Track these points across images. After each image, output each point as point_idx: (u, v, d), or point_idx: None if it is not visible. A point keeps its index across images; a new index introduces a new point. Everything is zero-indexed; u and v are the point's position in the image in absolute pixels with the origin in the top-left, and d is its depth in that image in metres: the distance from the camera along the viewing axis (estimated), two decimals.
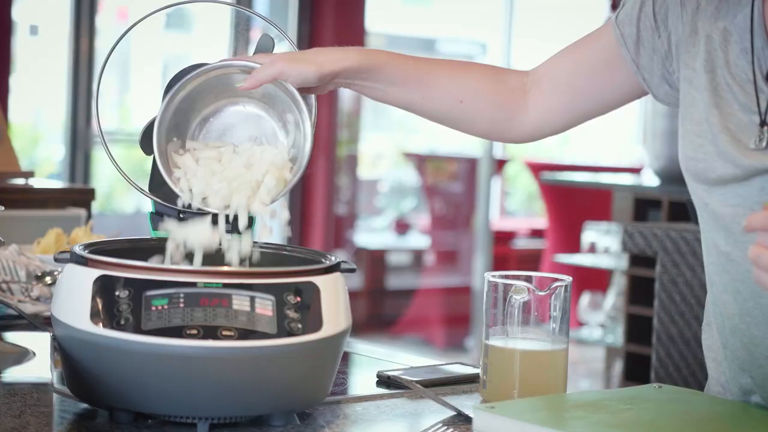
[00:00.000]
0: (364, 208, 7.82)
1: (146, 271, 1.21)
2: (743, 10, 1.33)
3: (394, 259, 7.53)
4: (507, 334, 1.41)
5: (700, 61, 1.37)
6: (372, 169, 8.47)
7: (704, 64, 1.36)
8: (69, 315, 1.22)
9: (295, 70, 1.39)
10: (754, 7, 1.32)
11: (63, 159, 5.68)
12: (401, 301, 7.21)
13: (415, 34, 9.32)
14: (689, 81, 1.39)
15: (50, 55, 5.79)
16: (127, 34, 1.46)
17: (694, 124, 1.37)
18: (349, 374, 1.61)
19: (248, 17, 1.60)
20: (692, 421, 1.28)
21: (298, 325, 1.21)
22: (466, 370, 1.57)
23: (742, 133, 1.32)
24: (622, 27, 1.47)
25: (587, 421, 1.23)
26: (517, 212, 9.46)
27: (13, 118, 5.17)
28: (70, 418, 1.26)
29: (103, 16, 5.74)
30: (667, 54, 1.43)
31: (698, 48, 1.38)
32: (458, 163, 7.32)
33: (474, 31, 9.09)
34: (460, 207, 7.21)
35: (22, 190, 2.99)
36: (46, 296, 1.90)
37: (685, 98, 1.40)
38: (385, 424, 1.34)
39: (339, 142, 6.71)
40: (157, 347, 1.17)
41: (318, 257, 1.36)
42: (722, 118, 1.34)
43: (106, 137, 1.46)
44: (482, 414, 1.23)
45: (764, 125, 1.30)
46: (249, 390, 1.21)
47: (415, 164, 7.78)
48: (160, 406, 1.20)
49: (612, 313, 5.00)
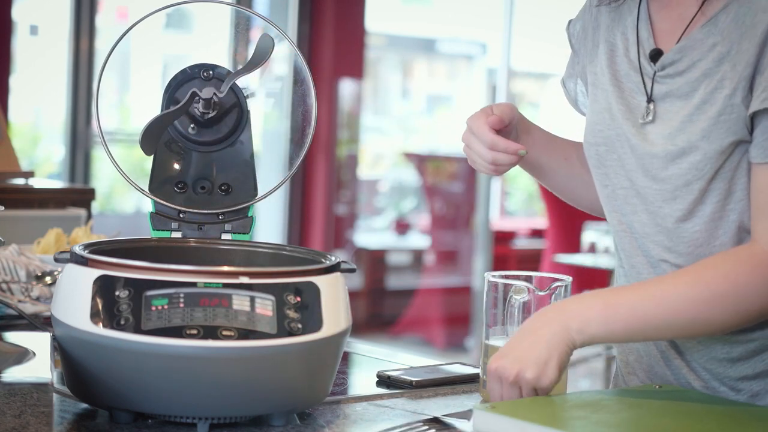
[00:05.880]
0: (364, 208, 7.82)
1: (146, 271, 1.21)
2: (633, 11, 1.56)
3: (394, 259, 7.53)
4: (507, 334, 1.41)
5: (601, 65, 1.58)
6: (372, 169, 8.47)
7: (607, 63, 1.56)
8: (69, 315, 1.22)
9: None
10: (641, 6, 1.55)
11: (63, 159, 5.68)
12: (401, 301, 7.21)
13: (415, 34, 9.32)
14: (594, 84, 1.59)
15: (50, 55, 5.79)
16: (127, 34, 1.46)
17: (595, 114, 1.57)
18: (349, 374, 1.61)
19: (248, 17, 1.60)
20: (692, 421, 1.28)
21: (298, 325, 1.21)
22: (466, 370, 1.57)
23: (636, 113, 1.51)
24: (566, 82, 1.70)
25: (587, 421, 1.23)
26: (517, 212, 9.46)
27: (13, 118, 5.18)
28: (70, 418, 1.26)
29: (103, 16, 5.74)
30: (580, 74, 1.66)
31: (599, 56, 1.59)
32: (458, 163, 7.32)
33: (474, 31, 9.09)
34: (460, 207, 7.21)
35: (22, 190, 3.00)
36: (46, 296, 1.90)
37: (590, 99, 1.61)
38: (385, 424, 1.34)
39: (339, 142, 6.71)
40: (157, 347, 1.17)
41: (318, 257, 1.36)
42: (622, 103, 1.52)
43: (106, 137, 1.46)
44: (482, 414, 1.23)
45: (650, 101, 1.49)
46: (249, 390, 1.21)
47: (415, 164, 7.78)
48: (160, 406, 1.20)
49: None
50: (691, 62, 1.45)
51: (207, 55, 1.47)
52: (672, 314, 1.35)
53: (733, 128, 1.40)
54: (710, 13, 1.45)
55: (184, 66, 1.49)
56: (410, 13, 9.31)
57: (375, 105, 9.09)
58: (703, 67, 1.44)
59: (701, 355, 1.49)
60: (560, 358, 1.32)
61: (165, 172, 1.48)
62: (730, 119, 1.40)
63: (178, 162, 1.48)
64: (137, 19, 1.45)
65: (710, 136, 1.41)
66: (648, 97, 1.50)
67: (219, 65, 1.50)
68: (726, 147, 1.41)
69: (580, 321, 1.34)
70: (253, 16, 1.70)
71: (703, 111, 1.42)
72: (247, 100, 1.51)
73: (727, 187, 1.43)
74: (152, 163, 1.48)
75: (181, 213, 1.46)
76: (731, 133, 1.41)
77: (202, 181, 1.48)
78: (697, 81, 1.44)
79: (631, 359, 1.57)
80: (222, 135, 1.49)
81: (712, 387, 1.49)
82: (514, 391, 1.31)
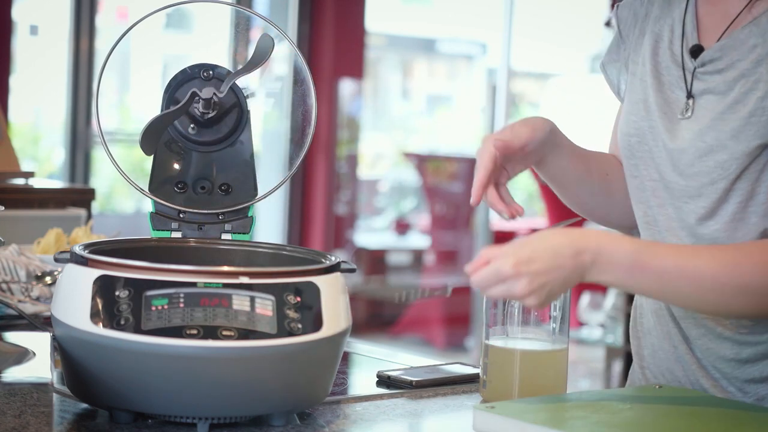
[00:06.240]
0: (364, 208, 7.82)
1: (146, 271, 1.21)
2: (681, 3, 1.54)
3: (394, 259, 7.52)
4: (507, 334, 1.41)
5: (644, 55, 1.55)
6: (372, 169, 8.47)
7: (650, 54, 1.54)
8: (69, 315, 1.22)
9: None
10: (688, 2, 1.54)
11: (63, 159, 5.68)
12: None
13: (415, 34, 9.32)
14: (633, 73, 1.58)
15: (50, 55, 5.79)
16: (127, 34, 1.46)
17: (631, 104, 1.55)
18: (349, 374, 1.61)
19: (248, 17, 1.60)
20: (692, 421, 1.28)
21: (298, 325, 1.21)
22: (466, 370, 1.57)
23: (674, 107, 1.50)
24: (607, 67, 1.66)
25: (587, 421, 1.23)
26: None
27: (13, 118, 5.17)
28: (70, 418, 1.26)
29: (103, 16, 5.74)
30: (625, 61, 1.62)
31: (643, 46, 1.56)
32: (458, 163, 7.32)
33: (474, 31, 9.09)
34: (460, 207, 7.21)
35: (22, 190, 2.99)
36: (46, 296, 1.90)
37: (628, 88, 1.59)
38: (385, 424, 1.34)
39: (339, 142, 6.71)
40: (157, 347, 1.17)
41: (318, 257, 1.36)
42: (659, 97, 1.51)
43: (106, 137, 1.46)
44: (482, 414, 1.23)
45: (690, 97, 1.48)
46: (249, 390, 1.21)
47: (415, 164, 7.78)
48: (160, 406, 1.20)
49: (612, 313, 5.00)
50: (730, 62, 1.44)
51: (207, 55, 1.47)
52: (698, 294, 1.33)
53: (761, 131, 1.39)
54: (757, 12, 1.44)
55: (184, 66, 1.49)
56: (410, 13, 9.31)
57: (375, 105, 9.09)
58: (741, 67, 1.43)
59: (710, 353, 1.48)
60: (563, 292, 1.31)
61: (165, 172, 1.48)
62: (760, 122, 1.39)
63: (178, 162, 1.48)
64: (137, 19, 1.45)
65: (739, 136, 1.40)
66: (688, 92, 1.48)
67: (219, 65, 1.50)
68: (753, 149, 1.40)
69: (604, 269, 1.31)
70: (253, 16, 1.70)
71: (735, 110, 1.41)
72: (247, 100, 1.51)
73: (751, 189, 1.42)
74: (152, 163, 1.48)
75: (181, 213, 1.45)
76: (759, 135, 1.39)
77: (202, 181, 1.48)
78: (734, 81, 1.43)
79: (645, 353, 1.57)
80: (222, 135, 1.49)
81: (722, 387, 1.47)
82: (500, 292, 1.29)
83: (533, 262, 1.28)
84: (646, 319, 1.57)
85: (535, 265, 1.28)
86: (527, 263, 1.28)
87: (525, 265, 1.28)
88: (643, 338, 1.57)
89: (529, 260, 1.28)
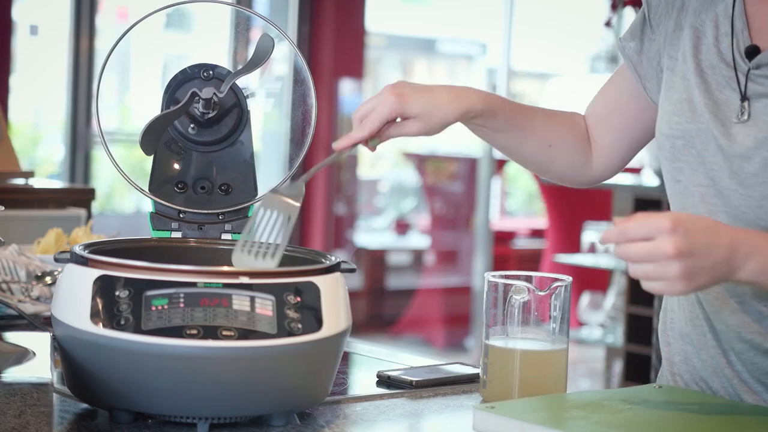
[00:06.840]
0: (364, 208, 7.82)
1: (146, 271, 1.21)
2: (725, 0, 1.47)
3: (394, 259, 7.52)
4: (507, 334, 1.41)
5: (684, 51, 1.49)
6: (372, 169, 8.47)
7: (691, 51, 1.48)
8: (69, 315, 1.22)
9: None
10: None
11: (63, 159, 5.67)
12: (401, 301, 7.21)
13: (415, 34, 9.32)
14: (672, 69, 1.51)
15: (50, 55, 5.79)
16: (127, 34, 1.46)
17: (672, 104, 1.49)
18: (349, 374, 1.61)
19: (248, 17, 1.60)
20: (692, 421, 1.28)
21: (298, 325, 1.21)
22: (466, 370, 1.57)
23: (725, 109, 1.43)
24: (626, 42, 1.60)
25: (587, 421, 1.23)
26: (517, 212, 9.46)
27: (13, 118, 5.17)
28: (70, 418, 1.26)
29: (103, 16, 5.74)
30: (656, 54, 1.56)
31: (682, 40, 1.50)
32: (458, 163, 7.31)
33: (474, 31, 9.09)
34: (460, 207, 7.21)
35: (22, 190, 2.99)
36: (46, 296, 1.90)
37: (665, 85, 1.52)
38: (385, 424, 1.34)
39: None
40: (157, 347, 1.17)
41: (318, 257, 1.36)
42: (706, 97, 1.45)
43: (106, 137, 1.46)
44: (482, 414, 1.23)
45: (744, 100, 1.42)
46: (249, 390, 1.21)
47: (415, 164, 7.78)
48: (160, 406, 1.20)
49: (612, 313, 4.99)
50: None
51: (207, 55, 1.48)
52: None
53: None
54: None
55: (184, 66, 1.49)
56: (410, 13, 9.31)
57: None
58: None
59: (755, 368, 1.43)
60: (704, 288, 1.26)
61: (165, 172, 1.48)
62: None
63: (178, 162, 1.48)
64: (137, 19, 1.46)
65: None
66: (742, 94, 1.42)
67: (219, 65, 1.50)
68: None
69: (751, 274, 1.25)
70: (253, 16, 1.70)
71: None
72: (247, 100, 1.51)
73: None
74: (152, 163, 1.48)
75: (181, 213, 1.46)
76: None
77: (202, 181, 1.48)
78: None
79: (677, 360, 1.53)
80: (222, 135, 1.50)
81: (764, 400, 1.43)
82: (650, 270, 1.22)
83: (693, 255, 1.22)
84: (678, 325, 1.53)
85: (695, 258, 1.22)
86: (689, 256, 1.22)
87: (688, 257, 1.22)
88: (674, 344, 1.53)
89: (689, 253, 1.22)
